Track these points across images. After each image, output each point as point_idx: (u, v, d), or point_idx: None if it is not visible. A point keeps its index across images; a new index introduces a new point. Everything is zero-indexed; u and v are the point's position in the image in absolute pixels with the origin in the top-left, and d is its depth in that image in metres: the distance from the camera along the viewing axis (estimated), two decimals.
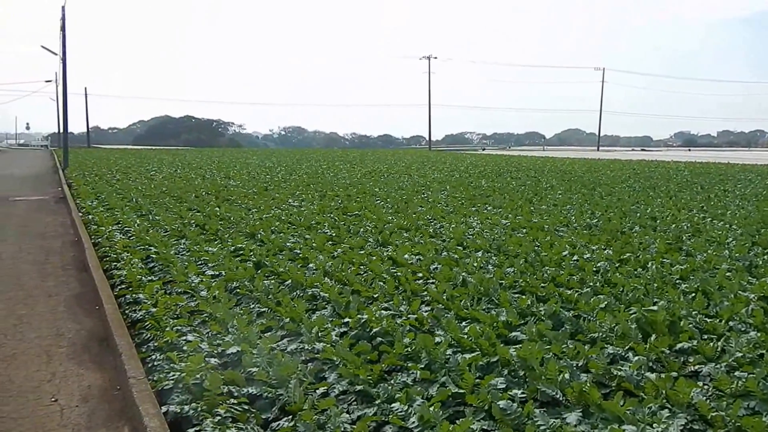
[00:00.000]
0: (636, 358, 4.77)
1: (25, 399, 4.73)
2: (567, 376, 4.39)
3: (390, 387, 4.37)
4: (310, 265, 8.06)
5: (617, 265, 7.99)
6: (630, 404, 3.99)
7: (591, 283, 6.97)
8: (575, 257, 8.41)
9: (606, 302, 6.13)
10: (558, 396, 4.21)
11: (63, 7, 30.33)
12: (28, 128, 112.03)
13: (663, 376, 4.37)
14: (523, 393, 4.25)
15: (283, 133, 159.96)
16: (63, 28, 30.54)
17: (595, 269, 7.66)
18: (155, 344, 5.33)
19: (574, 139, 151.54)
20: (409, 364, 4.79)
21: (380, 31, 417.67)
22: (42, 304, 7.32)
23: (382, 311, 6.01)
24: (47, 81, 77.41)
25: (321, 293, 6.69)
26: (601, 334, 5.35)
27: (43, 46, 32.97)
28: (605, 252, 8.77)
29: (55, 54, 31.92)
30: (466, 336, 5.25)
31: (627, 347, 5.05)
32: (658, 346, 4.96)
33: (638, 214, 12.89)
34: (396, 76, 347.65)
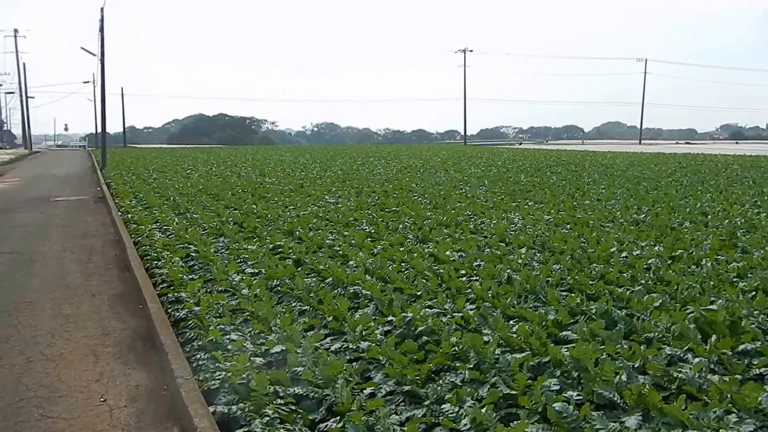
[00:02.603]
0: (696, 359, 4.56)
1: (74, 399, 4.72)
2: (624, 377, 4.21)
3: (439, 387, 4.25)
4: (351, 262, 7.96)
5: (669, 262, 7.71)
6: (693, 408, 3.79)
7: (643, 281, 6.74)
8: (624, 254, 8.16)
9: (660, 301, 5.91)
10: (615, 398, 4.03)
11: (101, 9, 30.76)
12: (66, 129, 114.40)
13: (727, 378, 4.16)
14: (578, 395, 4.08)
15: (315, 129, 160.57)
16: (101, 30, 30.94)
17: (646, 266, 7.41)
18: (199, 343, 5.28)
19: (615, 132, 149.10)
20: (457, 364, 4.66)
21: (414, 24, 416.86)
22: (87, 303, 7.35)
23: (427, 309, 5.88)
24: (85, 82, 79.42)
25: (363, 291, 6.58)
26: (657, 333, 5.13)
27: (82, 48, 33.48)
28: (656, 248, 8.49)
29: (94, 55, 32.37)
30: (515, 335, 5.09)
31: (686, 348, 4.83)
32: (720, 348, 4.73)
33: (687, 209, 12.49)
34: (430, 70, 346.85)
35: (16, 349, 5.81)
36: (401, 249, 8.79)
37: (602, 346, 4.79)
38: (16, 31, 77.48)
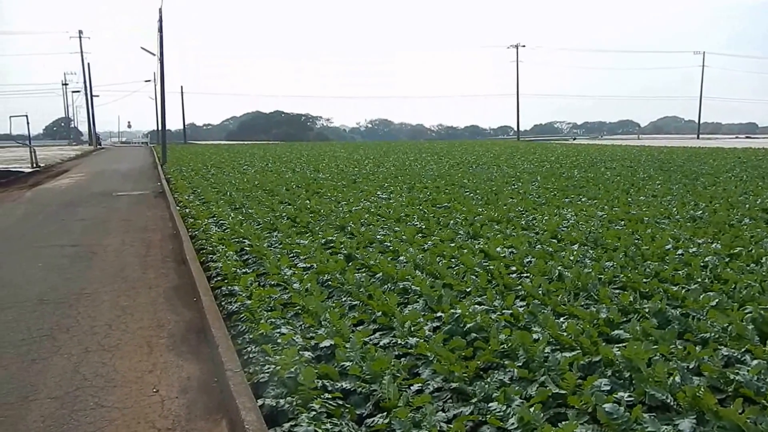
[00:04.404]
0: (755, 361, 4.42)
1: (128, 389, 4.87)
2: (677, 379, 4.11)
3: (486, 385, 4.22)
4: (401, 257, 7.99)
5: (727, 260, 7.49)
6: (750, 412, 3.68)
7: (699, 279, 6.57)
8: (680, 251, 7.95)
9: (717, 300, 5.74)
10: (668, 400, 3.94)
11: (160, 10, 31.53)
12: (129, 126, 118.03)
13: None
14: (629, 396, 4.00)
15: (369, 125, 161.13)
16: (160, 30, 31.72)
17: (702, 264, 7.21)
18: (250, 336, 5.38)
19: (671, 127, 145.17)
20: (506, 362, 4.63)
21: (467, 20, 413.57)
22: (143, 295, 7.58)
23: (476, 306, 5.86)
24: (146, 81, 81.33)
25: (412, 287, 6.59)
26: (713, 334, 5.00)
27: (142, 48, 34.40)
28: (713, 246, 8.25)
29: (153, 54, 33.22)
30: (565, 333, 5.02)
31: (743, 349, 4.68)
32: None
33: (747, 206, 12.08)
34: (483, 66, 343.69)
35: (75, 339, 6.03)
36: (452, 245, 8.76)
37: (655, 346, 4.68)
38: (80, 32, 80.00)
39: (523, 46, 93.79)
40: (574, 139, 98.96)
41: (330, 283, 7.02)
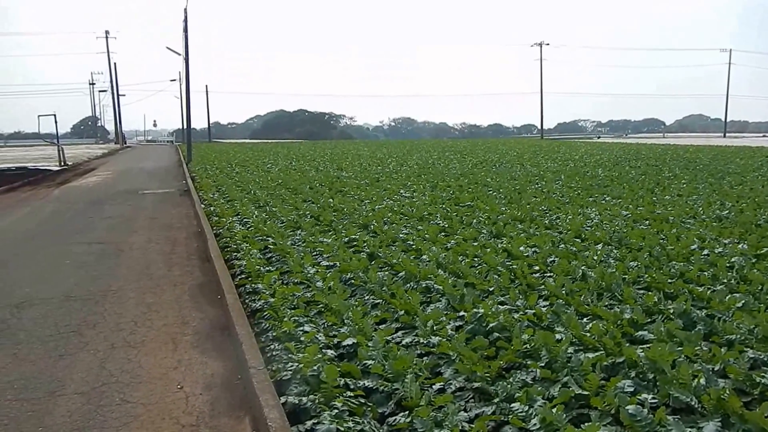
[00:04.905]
0: None
1: (153, 386, 4.94)
2: (702, 381, 4.07)
3: (509, 385, 4.22)
4: (424, 256, 7.99)
5: (754, 260, 7.39)
6: None
7: (725, 280, 6.49)
8: (705, 251, 7.86)
9: (743, 301, 5.67)
10: (693, 403, 3.90)
11: (185, 10, 31.85)
12: (155, 125, 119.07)
13: None
14: (653, 398, 3.97)
15: (392, 124, 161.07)
16: (185, 30, 32.07)
17: (728, 265, 7.11)
18: (273, 334, 5.42)
19: (697, 125, 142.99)
20: (529, 362, 4.62)
21: (490, 18, 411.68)
22: (168, 292, 7.67)
23: (498, 305, 5.84)
24: (172, 80, 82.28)
25: (435, 285, 6.60)
26: (739, 336, 4.93)
27: (167, 48, 34.79)
28: (739, 246, 8.14)
29: (179, 54, 33.60)
30: (588, 334, 5.00)
31: None
32: None
33: None
34: (506, 64, 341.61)
35: (101, 335, 6.13)
36: (474, 244, 8.75)
37: (680, 348, 4.64)
38: (107, 32, 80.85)
39: (547, 44, 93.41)
40: (599, 137, 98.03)
41: (353, 281, 7.05)
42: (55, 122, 37.01)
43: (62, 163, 32.71)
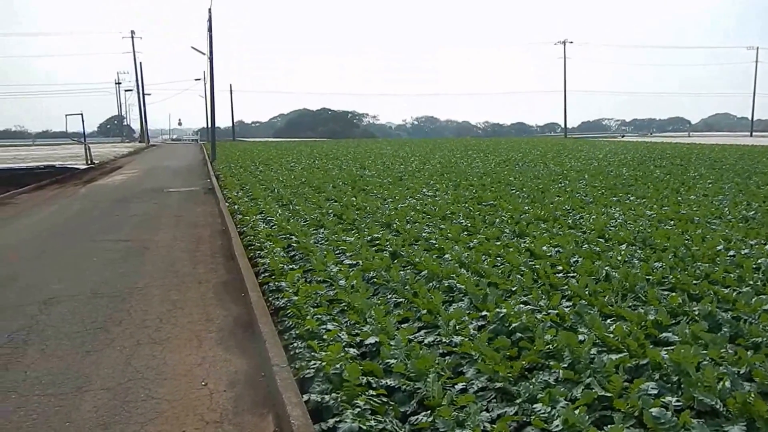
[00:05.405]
0: None
1: (178, 382, 5.00)
2: (727, 384, 4.02)
3: (531, 386, 4.21)
4: (446, 255, 7.99)
5: None
6: None
7: (751, 282, 6.40)
8: (731, 252, 7.76)
9: None
10: (718, 406, 3.86)
11: (209, 10, 32.08)
12: (180, 124, 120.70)
13: None
14: (677, 401, 3.94)
15: (415, 123, 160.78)
16: (209, 29, 32.30)
17: (755, 266, 7.03)
18: (296, 332, 5.47)
19: (723, 124, 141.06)
20: (551, 363, 4.60)
21: (512, 16, 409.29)
22: (193, 290, 7.76)
23: (521, 305, 5.83)
24: (196, 79, 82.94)
25: (457, 285, 6.59)
26: (765, 339, 4.87)
27: (192, 47, 35.02)
28: (766, 247, 8.03)
29: (203, 53, 33.82)
30: (611, 335, 4.97)
31: None
32: None
33: None
34: (530, 63, 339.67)
35: (127, 332, 6.22)
36: (497, 243, 8.72)
37: (705, 350, 4.60)
38: (132, 32, 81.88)
39: (570, 42, 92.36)
40: (623, 136, 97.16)
41: (375, 280, 7.07)
42: (82, 121, 37.43)
43: (89, 162, 33.18)
